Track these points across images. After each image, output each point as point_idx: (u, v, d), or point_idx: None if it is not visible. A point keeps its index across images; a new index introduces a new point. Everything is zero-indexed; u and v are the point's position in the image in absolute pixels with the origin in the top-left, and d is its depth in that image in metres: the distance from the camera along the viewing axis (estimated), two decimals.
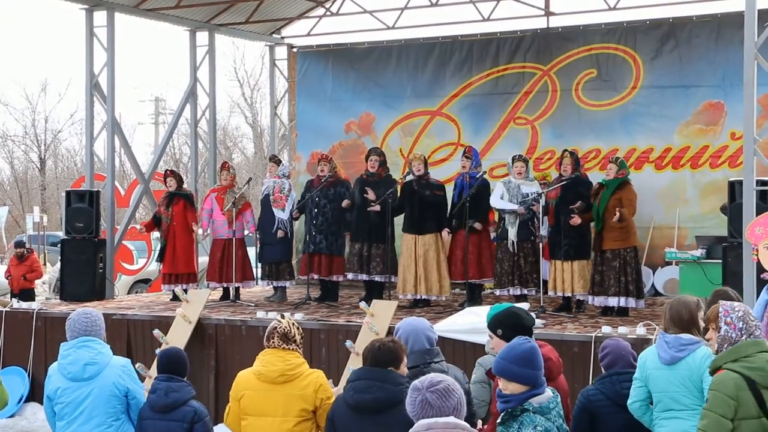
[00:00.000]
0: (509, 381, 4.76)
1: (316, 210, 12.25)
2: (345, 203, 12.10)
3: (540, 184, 11.74)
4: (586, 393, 5.92)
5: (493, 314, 5.83)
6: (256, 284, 13.27)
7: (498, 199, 11.28)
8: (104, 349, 5.93)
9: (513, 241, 11.17)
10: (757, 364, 4.86)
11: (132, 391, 5.93)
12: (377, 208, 11.58)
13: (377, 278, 11.89)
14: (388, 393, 5.19)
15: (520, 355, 4.79)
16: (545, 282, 11.17)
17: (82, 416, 5.81)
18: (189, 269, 12.96)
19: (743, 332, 4.98)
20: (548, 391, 4.77)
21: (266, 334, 5.91)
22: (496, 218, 11.76)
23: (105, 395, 5.83)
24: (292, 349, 5.84)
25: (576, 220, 10.70)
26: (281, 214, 12.52)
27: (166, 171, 13.47)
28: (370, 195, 11.66)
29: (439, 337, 5.92)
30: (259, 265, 12.89)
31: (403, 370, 5.36)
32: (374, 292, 11.86)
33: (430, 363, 5.55)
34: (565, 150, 11.52)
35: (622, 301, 10.66)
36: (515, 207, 11.10)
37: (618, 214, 10.38)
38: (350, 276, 12.16)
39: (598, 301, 10.82)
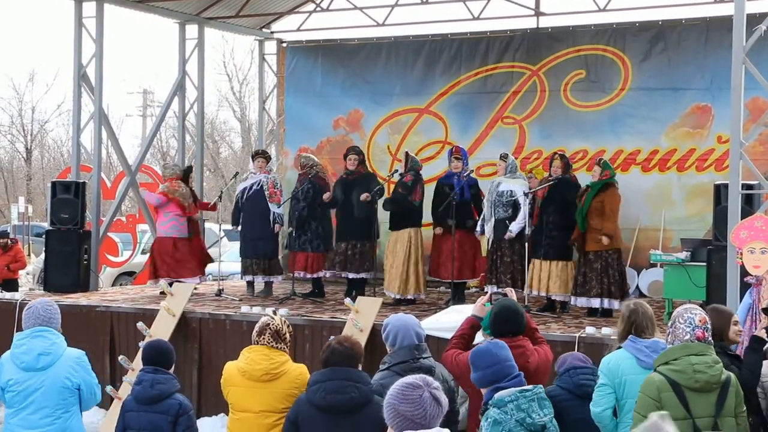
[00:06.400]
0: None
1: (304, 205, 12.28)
2: (326, 196, 12.14)
3: (528, 178, 11.81)
4: (548, 392, 5.97)
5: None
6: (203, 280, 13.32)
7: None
8: (59, 339, 5.89)
9: (488, 239, 11.26)
10: (681, 366, 5.05)
11: (85, 384, 5.87)
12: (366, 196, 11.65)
13: (363, 275, 11.94)
14: (362, 393, 5.18)
15: (470, 361, 4.91)
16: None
17: (32, 406, 5.76)
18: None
19: (670, 335, 5.25)
20: (518, 387, 4.79)
21: (258, 328, 5.88)
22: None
23: (57, 387, 5.78)
24: (280, 348, 5.83)
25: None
26: (277, 209, 12.57)
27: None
28: (363, 197, 11.71)
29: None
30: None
31: (360, 368, 5.40)
32: (355, 288, 11.93)
33: (419, 358, 5.57)
34: (556, 152, 11.57)
35: (605, 303, 10.71)
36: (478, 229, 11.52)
37: (603, 238, 10.60)
38: (338, 273, 12.20)
39: (580, 302, 10.89)
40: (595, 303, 10.74)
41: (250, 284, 12.85)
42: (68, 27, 13.86)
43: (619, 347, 5.90)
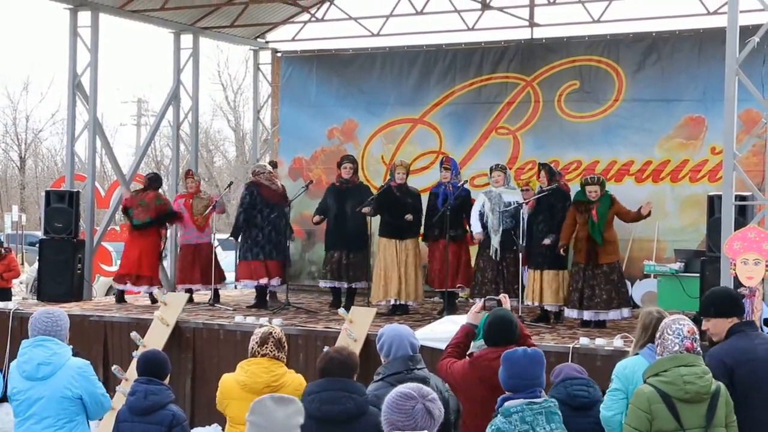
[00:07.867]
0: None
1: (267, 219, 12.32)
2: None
3: (522, 190, 11.83)
4: None
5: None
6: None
7: (475, 215, 11.40)
8: (61, 349, 5.84)
9: (496, 249, 11.23)
10: (670, 378, 5.05)
11: (88, 394, 5.82)
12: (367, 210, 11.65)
13: (354, 285, 11.98)
14: (357, 403, 5.17)
15: (503, 359, 4.93)
16: (523, 290, 11.23)
17: (35, 416, 5.74)
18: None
19: (659, 347, 5.23)
20: (528, 399, 4.80)
21: (259, 339, 5.89)
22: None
23: (57, 397, 5.74)
24: (280, 358, 5.85)
25: (546, 242, 10.95)
26: None
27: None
28: (366, 210, 11.69)
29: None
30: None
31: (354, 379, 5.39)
32: (343, 297, 11.96)
33: (413, 369, 5.55)
34: (540, 163, 11.65)
35: (625, 312, 10.81)
36: (476, 230, 11.35)
37: (649, 208, 10.82)
38: (326, 284, 12.24)
39: (588, 315, 10.80)
40: (614, 315, 10.79)
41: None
42: (63, 36, 13.85)
43: (636, 354, 5.89)
